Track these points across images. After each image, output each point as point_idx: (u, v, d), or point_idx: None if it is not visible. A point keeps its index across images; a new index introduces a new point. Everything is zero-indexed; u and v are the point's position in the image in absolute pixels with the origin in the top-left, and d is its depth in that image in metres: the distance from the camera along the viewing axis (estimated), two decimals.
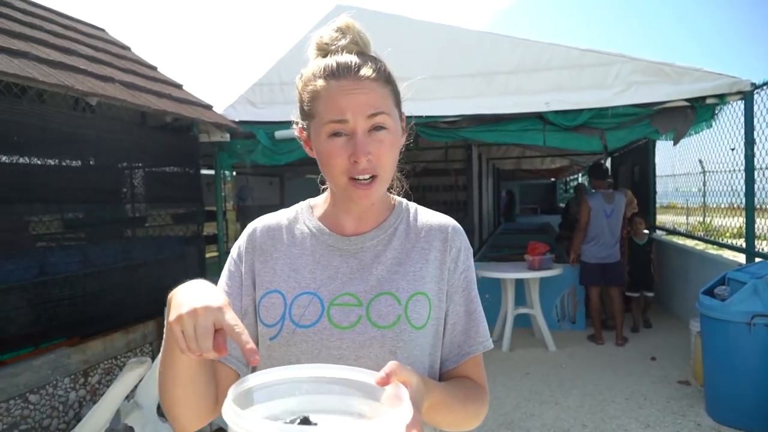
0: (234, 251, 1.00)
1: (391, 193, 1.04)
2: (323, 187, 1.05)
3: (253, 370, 0.90)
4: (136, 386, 2.71)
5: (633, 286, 5.59)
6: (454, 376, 0.97)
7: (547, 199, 19.48)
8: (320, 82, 0.89)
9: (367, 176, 0.87)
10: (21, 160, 3.31)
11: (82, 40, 4.30)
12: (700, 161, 6.43)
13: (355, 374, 0.71)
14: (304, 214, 1.01)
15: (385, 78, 0.90)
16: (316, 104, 0.89)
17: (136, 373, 2.61)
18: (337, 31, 0.92)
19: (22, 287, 2.95)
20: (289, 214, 1.02)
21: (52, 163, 3.45)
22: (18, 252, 3.15)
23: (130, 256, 3.84)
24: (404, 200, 1.05)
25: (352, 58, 0.89)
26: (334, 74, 0.88)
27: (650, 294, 5.68)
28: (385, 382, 0.69)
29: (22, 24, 3.64)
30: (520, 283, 5.27)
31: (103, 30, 5.36)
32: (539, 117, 4.60)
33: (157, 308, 3.80)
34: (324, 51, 0.92)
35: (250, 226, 1.02)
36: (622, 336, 5.21)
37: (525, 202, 18.84)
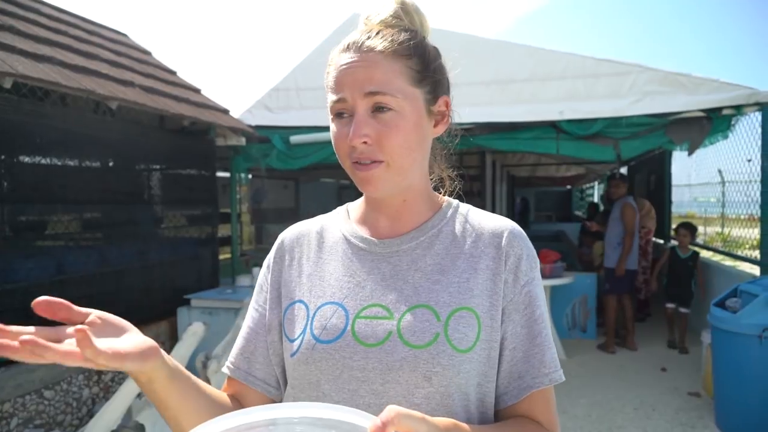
0: (264, 263, 0.92)
1: (441, 193, 0.91)
2: None
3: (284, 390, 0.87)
4: None
5: (668, 299, 5.37)
6: (514, 415, 0.80)
7: (562, 207, 19.33)
8: (335, 58, 0.80)
9: (367, 161, 0.76)
10: (43, 161, 3.42)
11: (104, 45, 4.42)
12: (720, 171, 6.36)
13: (351, 417, 0.57)
14: (339, 218, 0.90)
15: (401, 51, 0.77)
16: (327, 82, 0.81)
17: None
18: (383, 4, 0.82)
19: (40, 285, 3.04)
20: (323, 220, 0.92)
21: (72, 164, 3.56)
22: (37, 251, 3.25)
23: (145, 257, 3.93)
24: (456, 201, 0.90)
25: (371, 32, 0.79)
26: (344, 49, 0.79)
27: (685, 310, 5.18)
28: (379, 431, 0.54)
29: (48, 29, 3.75)
30: None
31: (125, 35, 5.49)
32: (553, 126, 4.61)
33: (170, 308, 3.89)
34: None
35: (281, 236, 0.93)
36: (634, 341, 5.24)
37: (540, 209, 18.70)
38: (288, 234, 0.92)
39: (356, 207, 0.92)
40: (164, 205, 4.38)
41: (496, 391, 0.80)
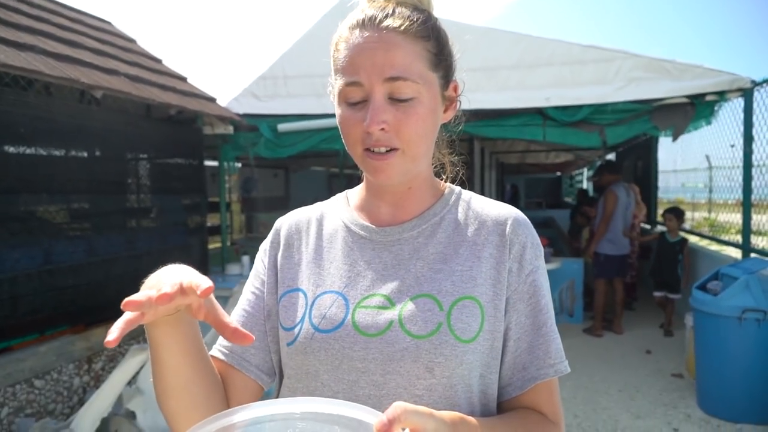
0: (260, 248, 0.90)
1: (442, 179, 0.89)
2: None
3: (280, 381, 0.84)
4: (138, 372, 2.80)
5: (657, 286, 5.42)
6: (518, 407, 0.78)
7: (552, 194, 19.45)
8: (345, 34, 0.75)
9: (382, 149, 0.73)
10: (27, 151, 3.40)
11: (88, 33, 4.37)
12: (707, 157, 6.43)
13: (356, 413, 0.55)
14: (339, 205, 0.88)
15: (420, 32, 0.73)
16: (337, 60, 0.76)
17: (138, 359, 2.70)
18: None
19: (28, 275, 3.04)
20: (323, 207, 0.90)
21: (58, 154, 3.54)
22: (24, 241, 3.24)
23: (133, 246, 3.93)
24: (458, 188, 0.88)
25: (386, 8, 0.74)
26: (358, 24, 0.74)
27: (675, 296, 5.24)
28: (385, 429, 0.52)
29: (30, 17, 3.71)
30: None
31: (109, 23, 5.43)
32: (539, 112, 4.63)
33: None
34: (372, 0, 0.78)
35: (278, 222, 0.90)
36: (621, 325, 5.33)
37: (530, 196, 18.81)
38: (286, 220, 0.89)
39: (356, 194, 0.89)
40: (152, 195, 4.36)
41: (500, 382, 0.78)
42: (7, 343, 2.85)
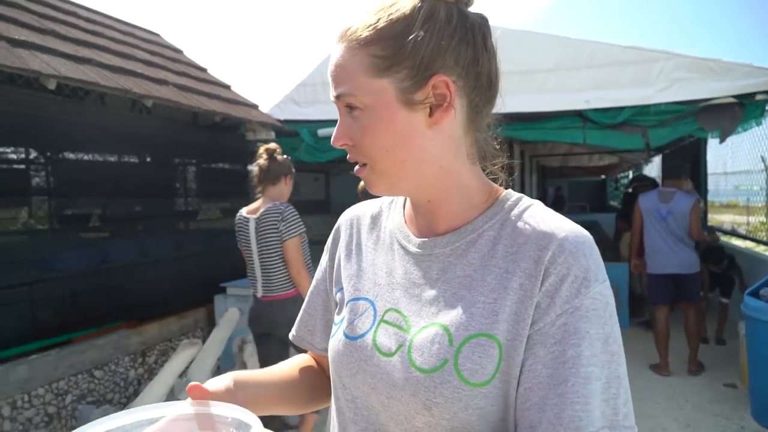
0: (327, 241, 0.91)
1: (496, 183, 0.76)
2: None
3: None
4: (188, 365, 2.93)
5: (722, 292, 4.88)
6: None
7: (597, 197, 19.02)
8: None
9: (356, 163, 0.72)
10: (84, 158, 3.61)
11: (139, 45, 4.60)
12: (763, 158, 6.18)
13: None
14: (396, 207, 0.83)
15: (363, 39, 0.65)
16: None
17: (188, 353, 2.83)
18: None
19: (86, 274, 3.23)
20: (383, 204, 0.85)
21: (112, 160, 3.74)
22: (82, 242, 3.44)
23: (181, 248, 4.10)
24: (516, 197, 0.73)
25: (361, 17, 0.69)
26: None
27: (726, 300, 4.82)
28: None
29: (86, 32, 3.94)
30: None
31: (158, 35, 5.68)
32: (579, 115, 4.58)
33: (207, 297, 4.05)
34: None
35: (340, 218, 0.90)
36: (696, 361, 4.30)
37: (573, 199, 18.43)
38: (345, 216, 0.89)
39: None
40: (198, 198, 4.54)
41: None
42: (69, 336, 3.03)
